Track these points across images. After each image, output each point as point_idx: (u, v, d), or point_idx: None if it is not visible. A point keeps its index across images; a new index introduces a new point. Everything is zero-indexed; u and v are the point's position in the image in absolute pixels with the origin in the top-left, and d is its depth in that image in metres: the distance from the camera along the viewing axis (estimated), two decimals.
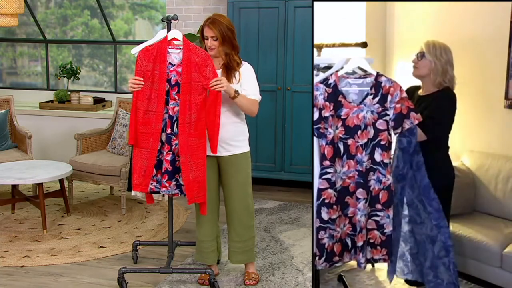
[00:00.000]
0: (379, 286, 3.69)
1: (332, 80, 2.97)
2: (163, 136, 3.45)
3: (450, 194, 3.31)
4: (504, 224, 3.66)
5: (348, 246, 3.04)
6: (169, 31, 3.48)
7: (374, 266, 3.82)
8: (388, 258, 3.06)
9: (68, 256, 4.18)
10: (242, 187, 3.62)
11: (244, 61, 3.59)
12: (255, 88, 3.56)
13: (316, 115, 2.95)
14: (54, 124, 6.41)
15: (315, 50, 3.52)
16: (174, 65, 3.43)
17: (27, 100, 6.91)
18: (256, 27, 5.52)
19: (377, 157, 2.97)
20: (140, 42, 3.63)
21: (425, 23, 4.01)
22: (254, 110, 3.54)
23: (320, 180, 2.96)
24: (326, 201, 2.96)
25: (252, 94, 3.52)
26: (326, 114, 2.96)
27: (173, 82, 3.43)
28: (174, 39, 3.45)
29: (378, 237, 3.03)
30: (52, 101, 6.60)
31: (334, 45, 3.48)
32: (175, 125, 3.43)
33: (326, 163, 2.96)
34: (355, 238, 3.02)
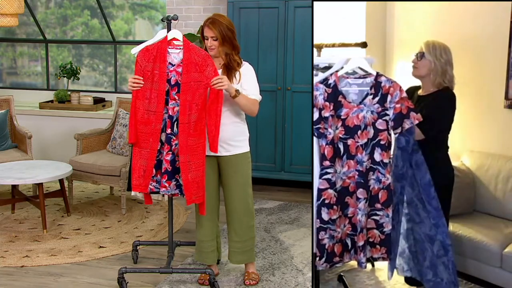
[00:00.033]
0: (379, 286, 3.69)
1: (332, 80, 2.97)
2: (163, 136, 3.45)
3: (450, 194, 3.31)
4: (504, 224, 3.66)
5: (348, 246, 3.04)
6: (169, 31, 3.48)
7: (374, 266, 3.82)
8: (388, 257, 3.07)
9: (68, 256, 4.18)
10: (242, 187, 3.61)
11: (245, 61, 3.58)
12: (256, 88, 3.56)
13: (316, 115, 2.95)
14: (54, 124, 6.41)
15: (315, 50, 3.52)
16: (174, 65, 3.43)
17: (27, 100, 6.90)
18: (256, 27, 5.52)
19: (377, 157, 2.97)
20: (140, 42, 3.63)
21: (425, 23, 4.01)
22: (255, 110, 3.54)
23: (320, 180, 2.96)
24: (326, 202, 2.96)
25: (253, 94, 3.52)
26: (326, 114, 2.95)
27: (173, 82, 3.43)
28: (174, 39, 3.45)
29: (378, 236, 3.04)
30: (52, 101, 6.60)
31: (334, 45, 3.49)
32: (175, 125, 3.42)
33: (326, 163, 2.96)
34: (356, 238, 3.02)
